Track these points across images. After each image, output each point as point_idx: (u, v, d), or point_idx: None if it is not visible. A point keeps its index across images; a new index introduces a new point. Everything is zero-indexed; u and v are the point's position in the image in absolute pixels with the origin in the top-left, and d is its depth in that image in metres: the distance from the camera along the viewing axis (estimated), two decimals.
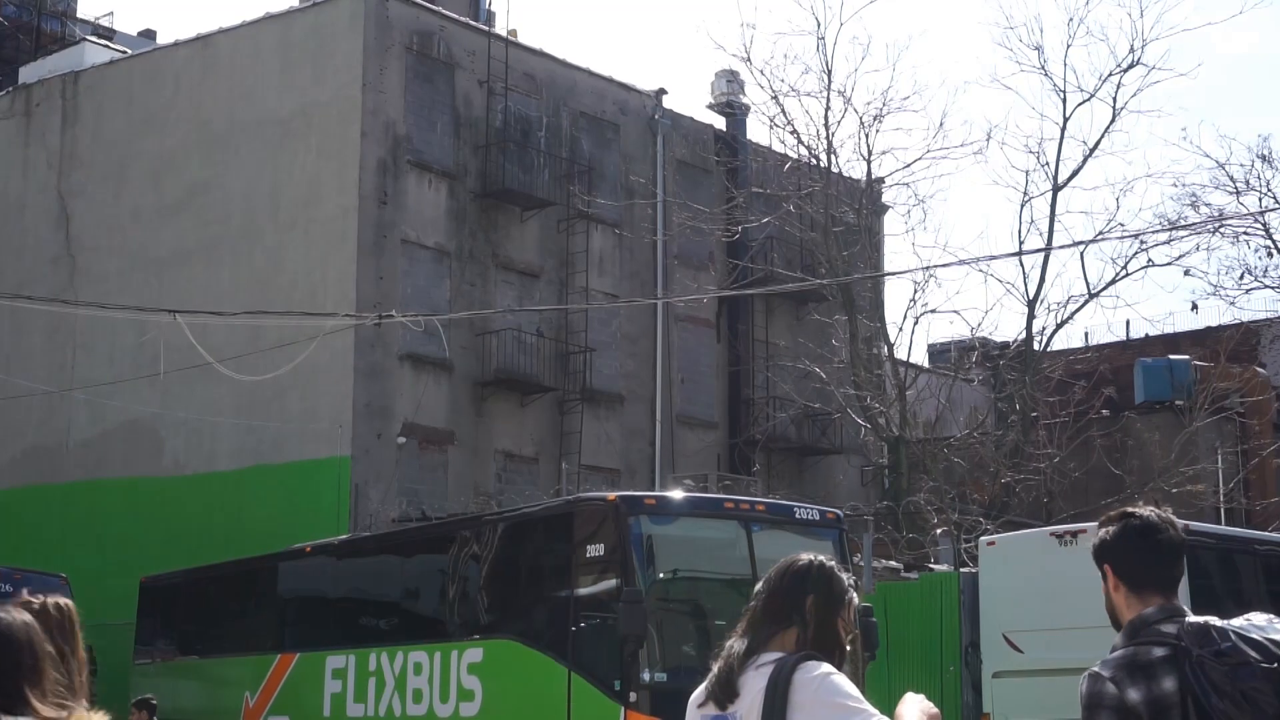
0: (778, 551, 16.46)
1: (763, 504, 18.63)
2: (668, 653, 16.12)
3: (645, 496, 18.20)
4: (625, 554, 16.11)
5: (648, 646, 15.68)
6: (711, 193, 35.59)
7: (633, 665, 15.61)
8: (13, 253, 34.83)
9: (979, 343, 33.57)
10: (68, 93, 35.05)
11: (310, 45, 31.33)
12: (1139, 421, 36.01)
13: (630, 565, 16.02)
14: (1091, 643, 17.82)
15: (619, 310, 33.45)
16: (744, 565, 16.66)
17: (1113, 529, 4.39)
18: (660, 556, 16.69)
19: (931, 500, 28.91)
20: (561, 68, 34.43)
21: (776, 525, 17.60)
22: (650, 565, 16.39)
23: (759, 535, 17.00)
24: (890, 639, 19.66)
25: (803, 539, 16.95)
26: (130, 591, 30.71)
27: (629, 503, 16.79)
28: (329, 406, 29.25)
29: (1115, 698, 4.10)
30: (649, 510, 16.93)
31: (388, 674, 19.13)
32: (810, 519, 17.76)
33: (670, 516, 17.44)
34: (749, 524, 17.00)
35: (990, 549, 19.06)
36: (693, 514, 17.93)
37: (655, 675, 15.59)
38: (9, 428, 33.95)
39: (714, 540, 17.29)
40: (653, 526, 16.61)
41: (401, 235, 30.53)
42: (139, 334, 29.69)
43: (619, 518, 16.35)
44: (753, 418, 36.49)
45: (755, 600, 4.57)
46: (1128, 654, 4.15)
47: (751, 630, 4.54)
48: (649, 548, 16.44)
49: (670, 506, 17.94)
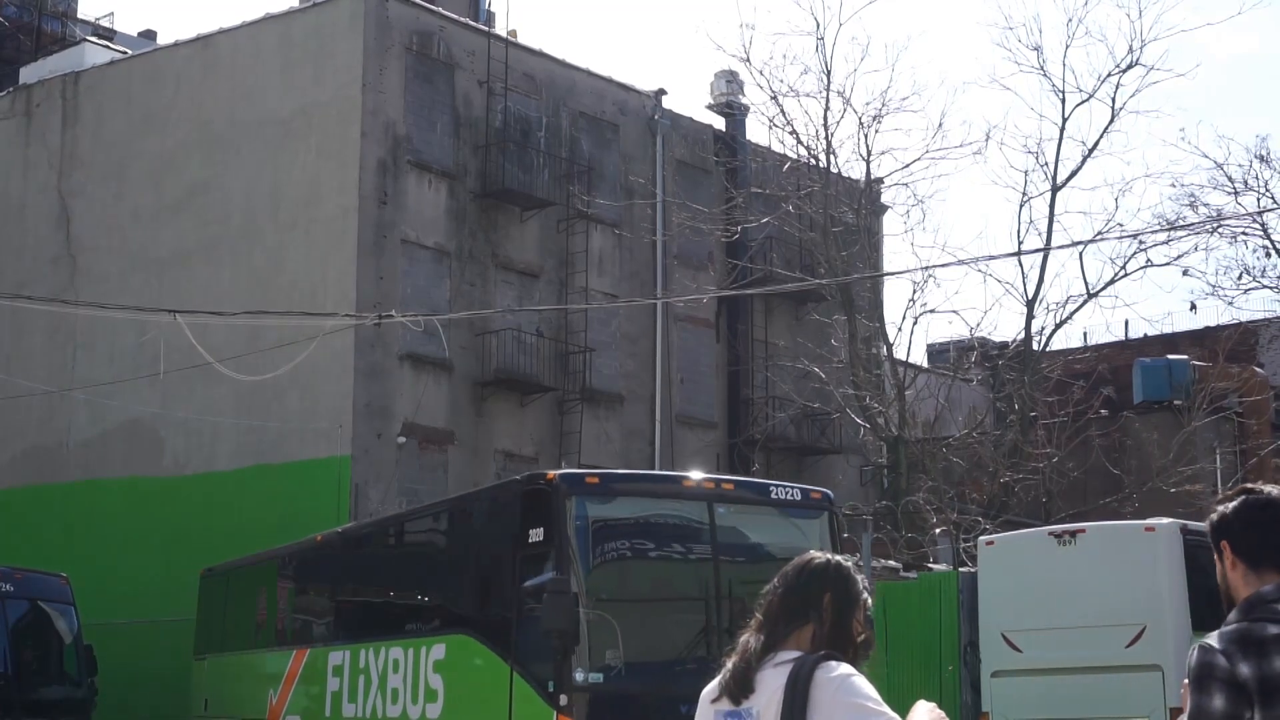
0: (752, 536, 15.79)
1: (731, 482, 16.87)
2: (609, 650, 14.45)
3: (588, 474, 16.22)
4: (561, 539, 14.54)
5: (584, 644, 14.19)
6: (711, 193, 35.63)
7: (565, 665, 14.16)
8: (13, 253, 34.86)
9: (978, 343, 33.61)
10: (68, 93, 35.08)
11: (310, 45, 31.36)
12: (1137, 421, 36.05)
13: (565, 552, 14.45)
14: (1090, 642, 18.01)
15: (618, 310, 33.49)
16: (706, 550, 15.27)
17: (1232, 505, 4.30)
18: (606, 542, 15.18)
19: (930, 500, 28.95)
20: (561, 68, 34.47)
21: (749, 506, 16.03)
22: (592, 552, 14.83)
23: (727, 517, 15.50)
24: (889, 638, 19.71)
25: (782, 521, 15.99)
26: (130, 591, 30.83)
27: (569, 481, 15.12)
28: (329, 406, 29.29)
29: (1226, 670, 4.02)
30: (592, 490, 15.22)
31: (374, 672, 18.30)
32: (789, 499, 16.05)
33: (618, 496, 15.68)
34: (713, 504, 15.33)
35: (989, 549, 19.10)
36: (646, 493, 16.13)
37: (590, 676, 14.14)
38: (9, 428, 33.99)
39: (672, 523, 15.61)
40: (596, 508, 15.03)
41: (401, 235, 30.57)
42: (139, 334, 29.74)
43: (557, 498, 14.74)
44: (752, 417, 36.53)
45: (770, 596, 4.59)
46: (1241, 628, 4.08)
47: (768, 626, 4.55)
48: (591, 532, 14.87)
49: (618, 485, 16.16)
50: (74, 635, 24.83)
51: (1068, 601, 17.45)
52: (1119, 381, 38.80)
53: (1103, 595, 17.24)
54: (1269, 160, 34.07)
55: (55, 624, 25.06)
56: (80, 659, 24.70)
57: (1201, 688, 4.04)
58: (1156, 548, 17.09)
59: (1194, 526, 17.72)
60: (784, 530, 16.14)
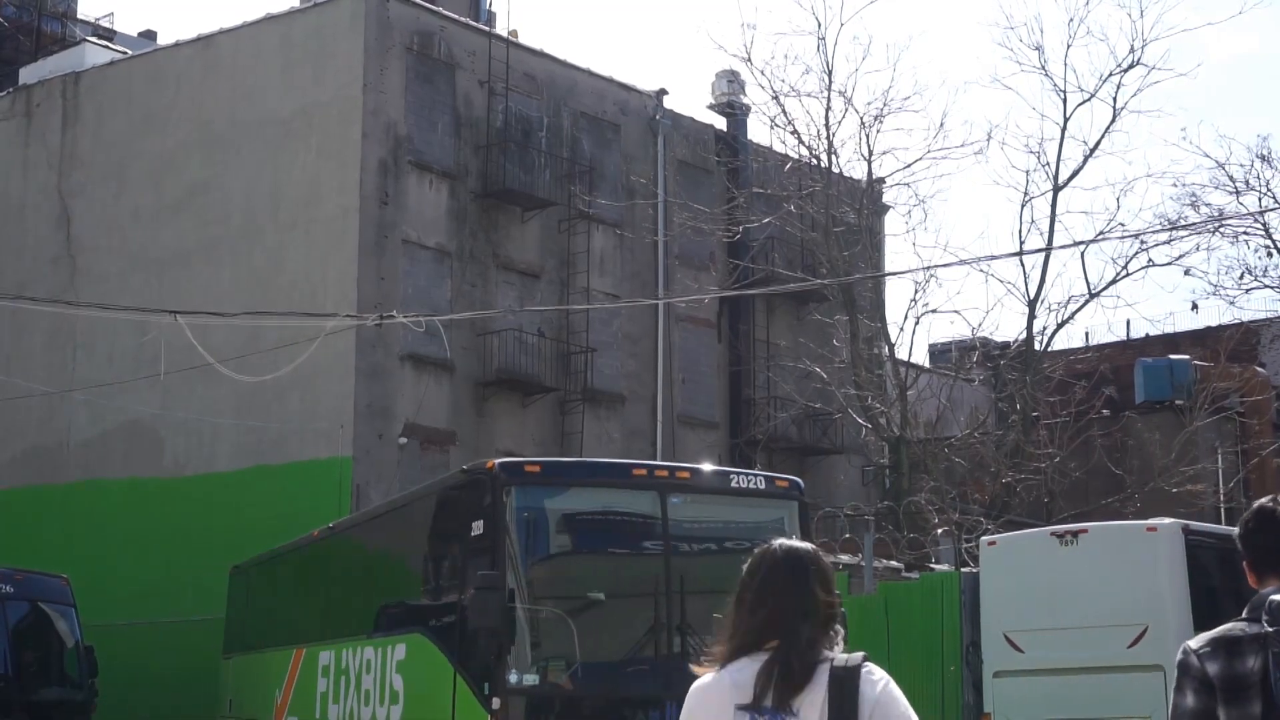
0: (711, 528, 15.25)
1: (686, 471, 15.95)
2: (547, 650, 13.84)
3: (528, 463, 15.43)
4: (499, 532, 13.79)
5: (521, 643, 13.54)
6: (712, 193, 35.59)
7: (499, 666, 13.45)
8: (13, 253, 34.83)
9: (980, 343, 33.57)
10: (68, 93, 35.05)
11: (311, 46, 31.33)
12: (1139, 421, 36.03)
13: (503, 545, 13.69)
14: (1092, 642, 17.94)
15: (620, 310, 33.45)
16: (657, 544, 14.50)
17: (1241, 519, 4.67)
18: (547, 535, 14.57)
19: (932, 500, 28.92)
20: (562, 68, 34.44)
21: (707, 496, 15.22)
22: (532, 545, 14.16)
23: (682, 508, 14.72)
24: (891, 639, 19.66)
25: (746, 511, 15.22)
26: (131, 592, 30.78)
27: (509, 470, 14.31)
28: (330, 407, 29.25)
29: (1199, 670, 4.31)
30: (532, 479, 14.46)
31: (352, 672, 17.84)
32: (752, 487, 15.13)
33: (561, 487, 14.87)
34: (665, 495, 14.47)
35: (991, 549, 19.05)
36: (592, 483, 15.23)
37: (525, 678, 13.50)
38: (9, 428, 33.96)
39: (620, 515, 14.95)
40: (537, 499, 14.33)
41: (402, 235, 30.54)
42: (139, 334, 29.69)
43: (495, 489, 14.02)
44: (754, 418, 36.50)
45: (782, 596, 4.43)
46: (1221, 630, 4.36)
47: (797, 625, 4.42)
48: (531, 524, 14.19)
49: (560, 475, 15.43)
50: (75, 637, 24.78)
51: (1070, 602, 17.41)
52: (1121, 381, 38.78)
53: (1105, 595, 17.20)
54: (1270, 160, 34.06)
55: (56, 625, 25.01)
56: (81, 660, 24.65)
57: (1178, 686, 4.36)
58: (1158, 548, 17.05)
59: (1196, 526, 17.70)
60: (748, 522, 15.40)
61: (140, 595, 30.70)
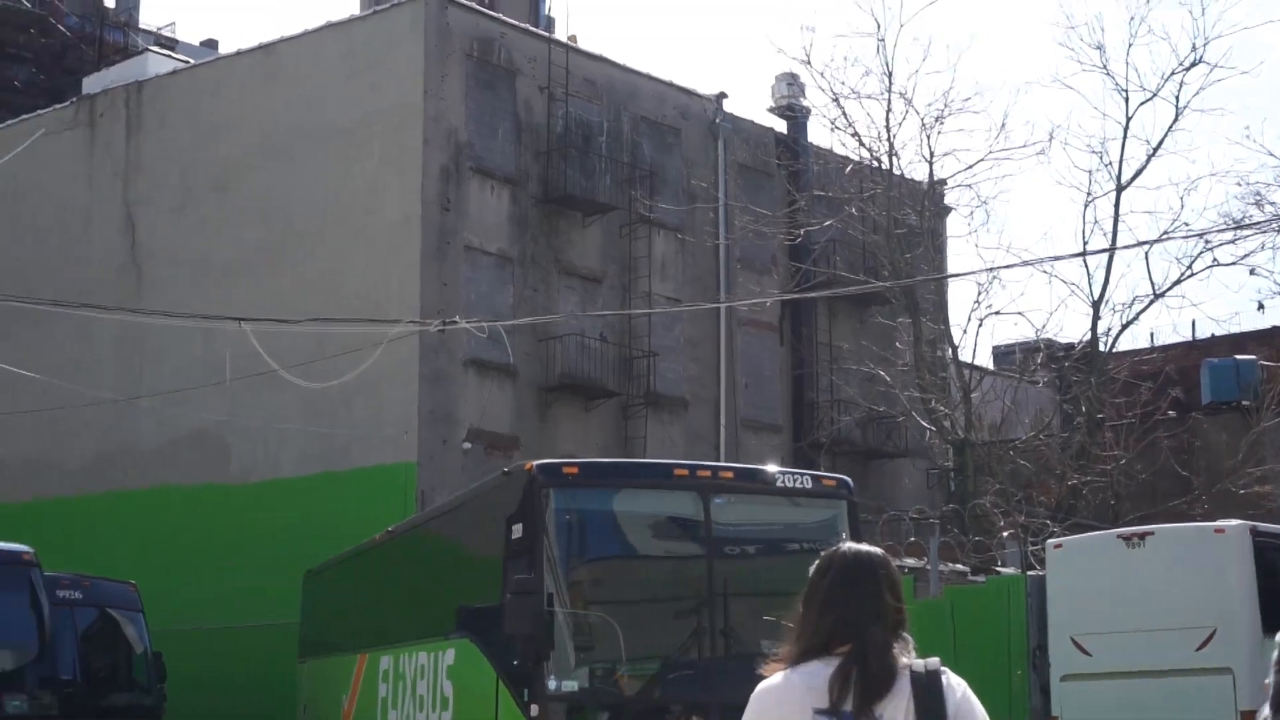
0: (756, 529, 14.96)
1: (730, 470, 15.80)
2: (587, 656, 13.53)
3: (566, 464, 14.93)
4: (537, 535, 13.55)
5: (561, 648, 13.23)
6: (773, 196, 35.54)
7: (537, 672, 13.20)
8: (80, 262, 35.15)
9: (1044, 344, 33.34)
10: (131, 103, 35.36)
11: (372, 53, 31.49)
12: (1206, 422, 35.70)
13: (540, 548, 13.45)
14: (1160, 645, 17.80)
15: (682, 315, 33.45)
16: (699, 546, 14.14)
17: None
18: (587, 537, 14.27)
19: (997, 503, 28.74)
20: (622, 73, 34.47)
21: (751, 496, 14.82)
22: (571, 548, 13.88)
23: (726, 509, 14.32)
24: (957, 642, 19.56)
25: (794, 512, 14.87)
26: (198, 598, 30.99)
27: (546, 472, 14.03)
28: (394, 413, 29.37)
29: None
30: (571, 481, 14.11)
31: (409, 677, 17.80)
32: (799, 487, 14.76)
33: (600, 488, 14.49)
34: (707, 495, 14.10)
35: (1057, 551, 18.93)
36: (633, 484, 14.83)
37: (564, 684, 13.19)
38: (78, 435, 34.27)
39: (662, 516, 14.60)
40: (577, 500, 14.03)
41: (464, 241, 30.64)
42: (205, 342, 29.92)
43: (534, 491, 13.77)
44: (817, 421, 36.42)
45: (852, 600, 4.40)
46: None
47: (880, 629, 4.39)
48: (570, 526, 13.92)
49: (600, 476, 15.04)
50: (143, 642, 25.00)
51: (1137, 604, 17.28)
52: (1186, 382, 38.40)
53: (1172, 598, 17.06)
54: None
55: (124, 631, 25.25)
56: (149, 666, 24.86)
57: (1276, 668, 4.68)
58: (1226, 549, 16.90)
59: (1264, 528, 17.53)
60: (796, 523, 15.09)
61: (207, 601, 30.91)
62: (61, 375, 32.37)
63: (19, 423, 34.17)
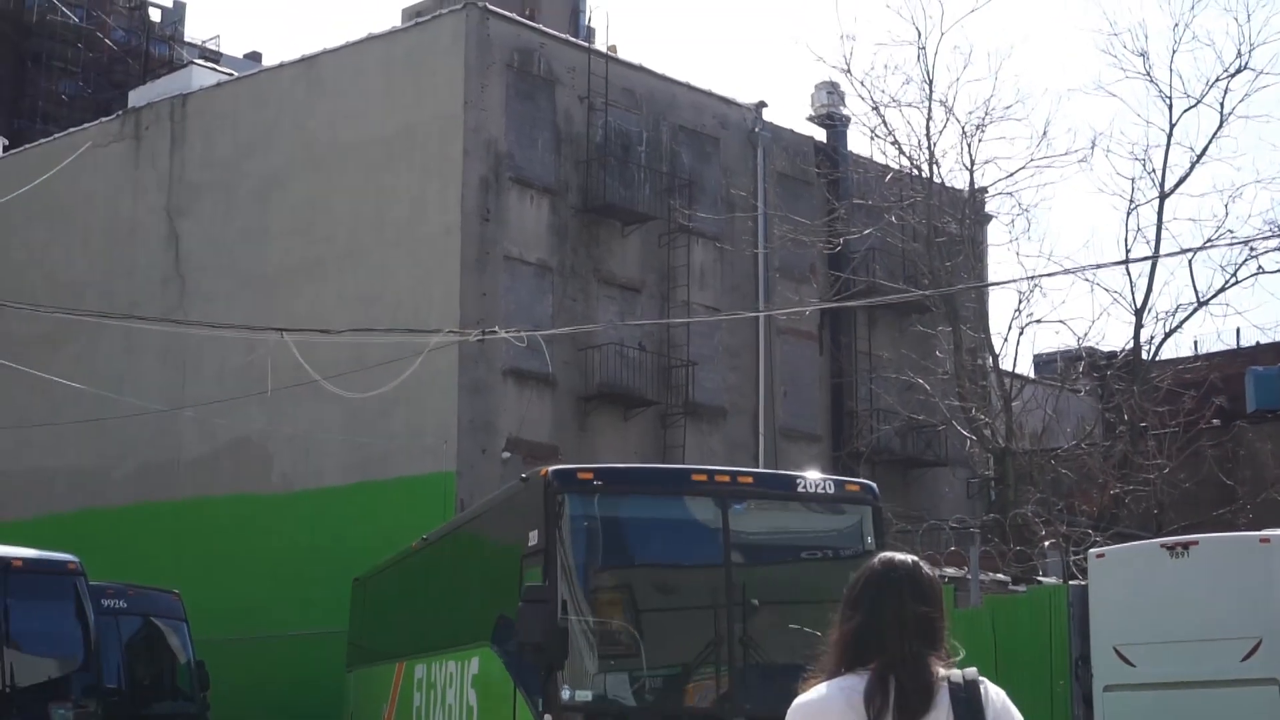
0: (776, 536, 14.72)
1: (750, 475, 15.33)
2: (603, 666, 13.25)
3: (582, 469, 14.51)
4: (552, 542, 13.28)
5: (576, 658, 12.96)
6: (812, 205, 35.51)
7: (550, 682, 12.96)
8: (125, 274, 35.42)
9: (1086, 352, 33.20)
10: (176, 115, 35.62)
11: (412, 64, 31.63)
12: (1250, 431, 35.52)
13: (555, 556, 13.19)
14: (1204, 656, 17.69)
15: (721, 324, 33.45)
16: (717, 554, 13.82)
17: None
18: (602, 544, 13.94)
19: (1039, 512, 28.63)
20: (661, 82, 34.52)
21: (771, 503, 14.45)
22: (586, 555, 13.56)
23: (745, 516, 14.06)
24: (999, 652, 19.48)
25: (815, 518, 14.67)
26: (240, 607, 31.15)
27: (561, 478, 13.77)
28: (434, 422, 29.47)
29: None
30: (586, 487, 13.79)
31: (439, 687, 17.64)
32: (820, 493, 14.34)
33: (617, 494, 14.13)
34: (726, 501, 13.81)
35: (1099, 561, 18.83)
36: (650, 491, 14.57)
37: (578, 694, 12.89)
38: (123, 446, 34.51)
39: (678, 523, 14.26)
40: (592, 507, 13.75)
41: (504, 251, 30.73)
42: (247, 352, 30.08)
43: (549, 497, 13.49)
44: (856, 430, 36.35)
45: (875, 611, 4.36)
46: None
47: (916, 642, 4.35)
48: (585, 533, 13.63)
49: (616, 482, 14.48)
50: (187, 651, 25.17)
51: (1181, 614, 17.17)
52: (1231, 391, 38.19)
53: (1217, 608, 16.95)
54: None
55: (168, 640, 25.44)
56: (193, 675, 25.01)
57: None
58: (1272, 559, 16.79)
59: None
60: (816, 529, 14.87)
61: (249, 610, 31.06)
62: (107, 387, 32.62)
63: (66, 434, 34.44)
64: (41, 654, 20.25)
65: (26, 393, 35.35)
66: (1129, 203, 31.33)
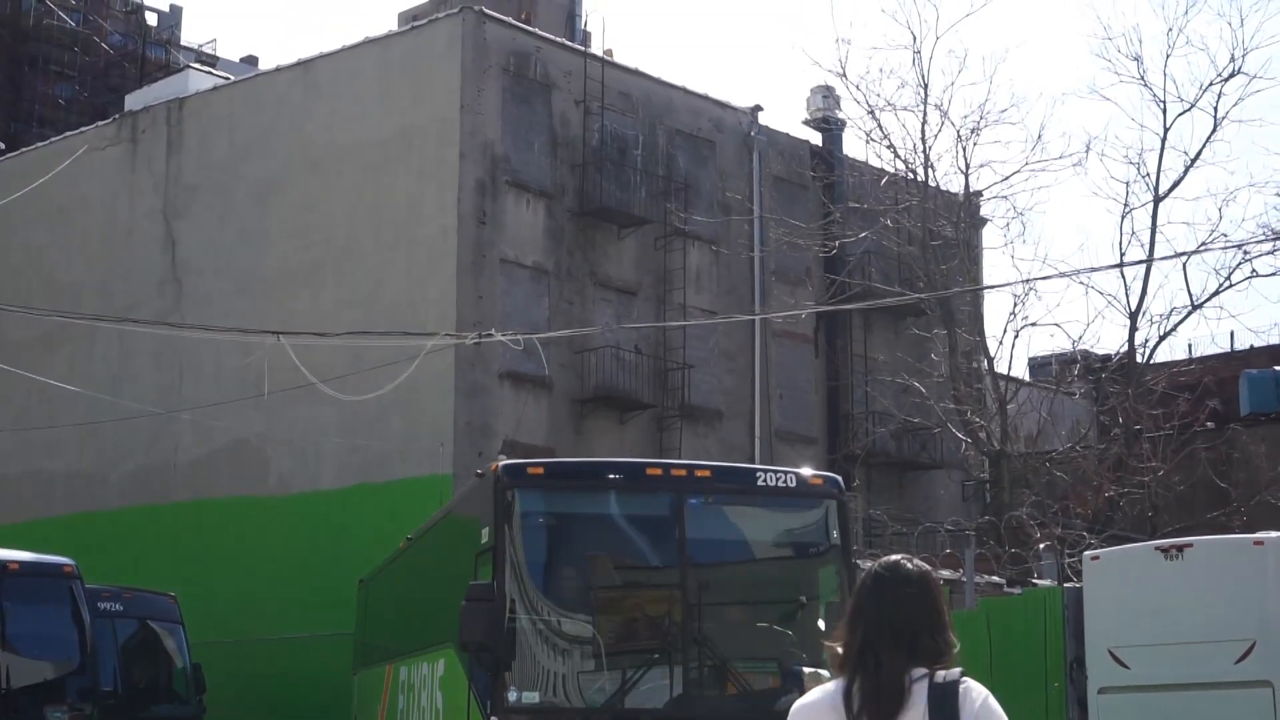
0: (734, 532, 14.28)
1: (706, 469, 14.81)
2: (551, 666, 12.94)
3: (532, 464, 14.27)
4: (500, 538, 12.92)
5: (523, 659, 12.62)
6: (808, 208, 35.59)
7: (497, 683, 12.60)
8: (121, 277, 35.45)
9: (1080, 356, 33.27)
10: (172, 119, 35.65)
11: (409, 68, 31.68)
12: (1244, 434, 35.56)
13: (501, 553, 12.83)
14: (1199, 658, 17.76)
15: (716, 327, 33.51)
16: (672, 550, 13.44)
17: None
18: (551, 541, 13.63)
19: (1034, 515, 28.68)
20: (657, 86, 34.58)
21: (730, 497, 14.07)
22: (534, 552, 13.24)
23: (702, 510, 13.65)
24: (994, 655, 19.54)
25: (776, 513, 14.16)
26: (237, 610, 31.18)
27: (511, 473, 13.37)
28: (430, 425, 29.51)
29: None
30: (535, 482, 13.50)
31: (416, 688, 17.52)
32: (782, 486, 13.85)
33: (568, 490, 13.88)
34: (682, 496, 13.41)
35: (1094, 564, 18.89)
36: (603, 485, 13.95)
37: (524, 696, 12.55)
38: (119, 449, 34.54)
39: (632, 519, 13.81)
40: (542, 503, 13.47)
41: (500, 254, 30.78)
42: (244, 355, 30.12)
43: (498, 493, 13.12)
44: (852, 433, 36.41)
45: (888, 610, 4.48)
46: None
47: (896, 642, 4.45)
48: (534, 530, 13.33)
49: (567, 476, 14.31)
50: (183, 654, 25.21)
51: (1175, 617, 17.23)
52: (1225, 394, 38.26)
53: (1211, 610, 17.01)
54: None
55: (164, 643, 25.49)
56: (189, 677, 25.05)
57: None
58: (1265, 561, 16.85)
59: None
60: (777, 524, 14.39)
61: (246, 613, 31.09)
62: (104, 389, 32.68)
63: (63, 437, 34.49)
64: (37, 657, 20.28)
65: (23, 395, 35.41)
66: (1123, 206, 31.41)
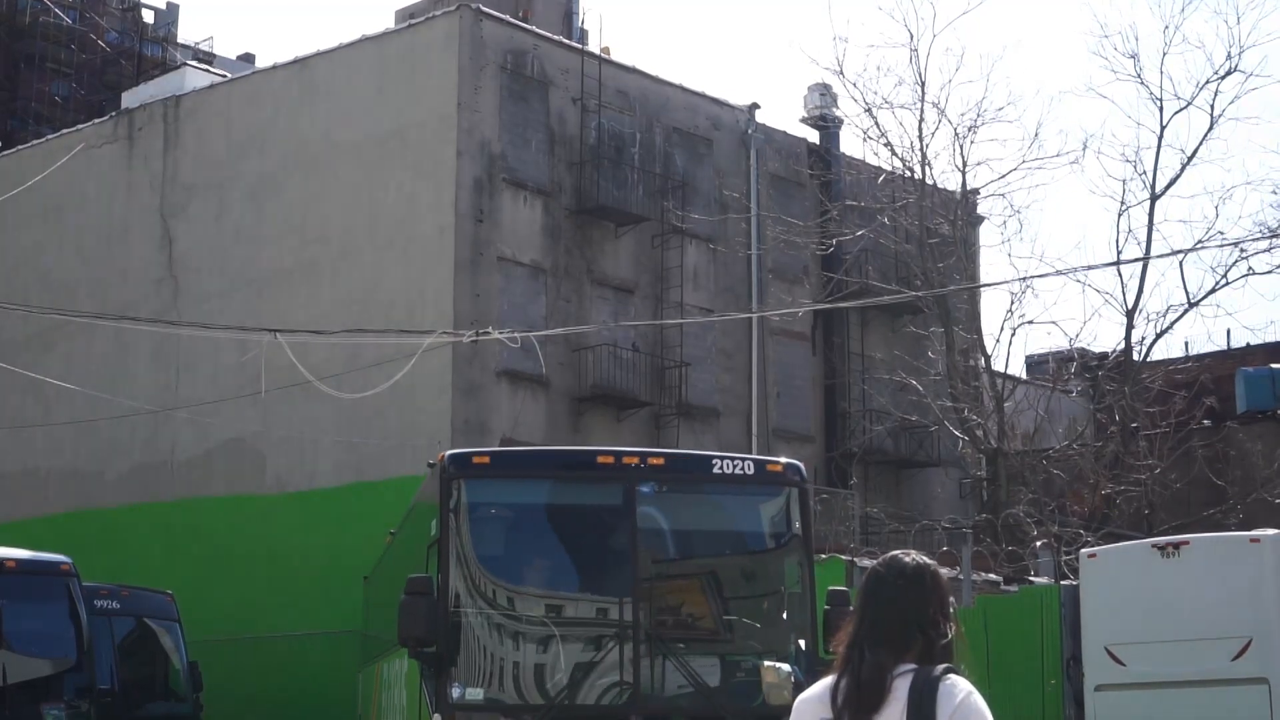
0: (689, 522, 13.92)
1: (659, 456, 14.21)
2: (496, 662, 12.72)
3: (477, 453, 13.90)
4: (445, 530, 12.71)
5: (468, 655, 12.41)
6: (805, 206, 35.59)
7: (440, 680, 12.34)
8: (118, 274, 35.42)
9: (1077, 353, 33.28)
10: (169, 116, 35.62)
11: (406, 66, 31.66)
12: (1241, 431, 35.56)
13: (446, 545, 12.62)
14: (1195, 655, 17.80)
15: (714, 325, 33.51)
16: (623, 541, 13.08)
17: None
18: (497, 532, 13.41)
19: (1031, 512, 28.71)
20: (654, 84, 34.57)
21: (685, 486, 13.75)
22: (482, 544, 13.01)
23: (655, 500, 13.29)
24: (990, 653, 19.56)
25: (733, 501, 13.83)
26: (233, 608, 31.16)
27: (457, 463, 13.12)
28: (428, 423, 29.48)
29: None
30: (481, 471, 13.26)
31: (393, 686, 17.40)
32: (737, 473, 13.43)
33: (515, 479, 13.62)
34: (634, 485, 13.03)
35: (1091, 561, 18.91)
36: (551, 475, 13.80)
37: (468, 693, 12.30)
38: (116, 447, 34.52)
39: (582, 509, 13.60)
40: (488, 493, 13.20)
41: (497, 252, 30.77)
42: (241, 353, 30.11)
43: (444, 484, 12.92)
44: (849, 431, 36.42)
45: (877, 607, 4.52)
46: None
47: (883, 638, 4.49)
48: (480, 521, 13.09)
49: (514, 466, 14.12)
50: (180, 652, 25.19)
51: (1172, 614, 17.25)
52: (1221, 391, 38.24)
53: (1207, 608, 17.03)
54: None
55: (161, 641, 25.47)
56: (186, 676, 25.03)
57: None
58: (1262, 559, 16.87)
59: None
60: (735, 513, 14.04)
61: (243, 611, 31.07)
62: (100, 387, 32.65)
63: (59, 435, 34.48)
64: (34, 655, 20.26)
65: (19, 393, 35.39)
66: (1120, 204, 31.44)
